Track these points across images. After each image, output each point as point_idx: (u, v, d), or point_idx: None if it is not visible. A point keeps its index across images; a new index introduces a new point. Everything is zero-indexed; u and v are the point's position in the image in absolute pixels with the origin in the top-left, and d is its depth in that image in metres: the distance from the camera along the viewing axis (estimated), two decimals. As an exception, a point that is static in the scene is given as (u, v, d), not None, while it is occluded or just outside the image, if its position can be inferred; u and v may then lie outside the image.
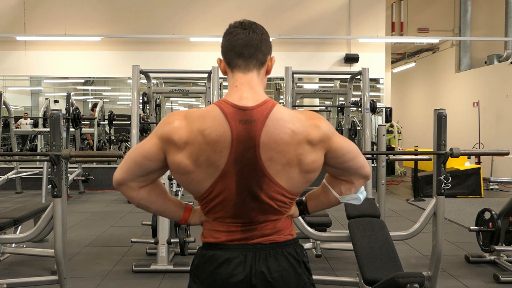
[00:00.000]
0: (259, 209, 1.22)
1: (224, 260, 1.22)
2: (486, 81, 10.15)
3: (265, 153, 1.17)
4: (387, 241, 2.84)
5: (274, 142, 1.16)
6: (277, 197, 1.22)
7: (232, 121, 1.15)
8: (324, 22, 8.98)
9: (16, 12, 8.64)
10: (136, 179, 1.24)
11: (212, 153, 1.16)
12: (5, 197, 7.48)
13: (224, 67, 1.29)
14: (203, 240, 1.30)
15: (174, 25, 8.77)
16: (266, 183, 1.19)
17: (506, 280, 3.52)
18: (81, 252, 4.32)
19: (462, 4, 10.83)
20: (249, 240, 1.24)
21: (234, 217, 1.23)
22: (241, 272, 1.21)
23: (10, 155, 7.29)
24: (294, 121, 1.18)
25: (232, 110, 1.17)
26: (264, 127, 1.16)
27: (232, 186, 1.19)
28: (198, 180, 1.19)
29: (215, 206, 1.23)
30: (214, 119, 1.16)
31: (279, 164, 1.18)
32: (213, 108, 1.18)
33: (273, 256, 1.23)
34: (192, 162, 1.17)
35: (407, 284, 1.86)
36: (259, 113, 1.17)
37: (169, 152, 1.19)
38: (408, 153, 6.53)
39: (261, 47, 1.25)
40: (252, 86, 1.23)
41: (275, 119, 1.17)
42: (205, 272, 1.24)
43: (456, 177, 7.30)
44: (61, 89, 9.91)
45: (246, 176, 1.18)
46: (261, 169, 1.18)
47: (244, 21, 1.27)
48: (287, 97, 6.86)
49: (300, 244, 1.31)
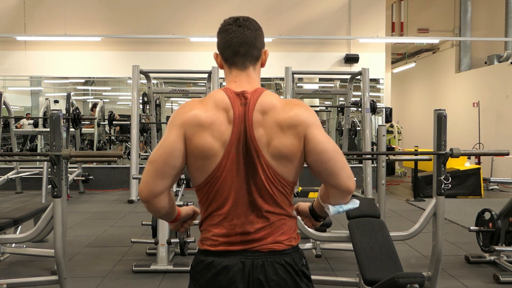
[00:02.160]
0: (258, 193, 1.25)
1: (223, 268, 1.23)
2: (486, 81, 10.15)
3: (256, 133, 1.24)
4: (387, 241, 2.84)
5: (259, 122, 1.24)
6: (271, 179, 1.25)
7: (234, 103, 1.25)
8: (324, 22, 8.98)
9: (16, 12, 8.64)
10: (162, 184, 1.25)
11: (222, 131, 1.23)
12: (5, 197, 7.48)
13: (221, 62, 1.36)
14: (201, 247, 1.30)
15: (174, 25, 8.77)
16: (260, 163, 1.24)
17: (506, 281, 3.52)
18: (81, 252, 4.32)
19: (462, 4, 10.83)
20: (248, 248, 1.25)
21: (233, 205, 1.25)
22: (240, 280, 1.22)
23: (10, 155, 7.30)
24: (275, 104, 1.26)
25: (233, 95, 1.27)
26: (255, 109, 1.24)
27: (233, 168, 1.24)
28: (210, 150, 1.24)
29: (216, 193, 1.25)
30: (222, 100, 1.25)
31: (266, 144, 1.24)
32: (220, 92, 1.27)
33: (271, 264, 1.23)
34: (215, 140, 1.23)
35: (407, 284, 1.86)
36: (252, 97, 1.26)
37: (194, 135, 1.23)
38: (408, 153, 6.53)
39: (255, 44, 1.32)
40: (249, 81, 1.31)
41: (261, 103, 1.25)
42: (204, 278, 1.25)
43: (456, 178, 7.30)
44: (61, 89, 9.91)
45: (244, 156, 1.24)
46: (255, 148, 1.23)
47: (238, 18, 1.32)
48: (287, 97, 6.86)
49: (301, 251, 1.31)
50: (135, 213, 6.20)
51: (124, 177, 8.15)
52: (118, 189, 8.27)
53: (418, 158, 6.21)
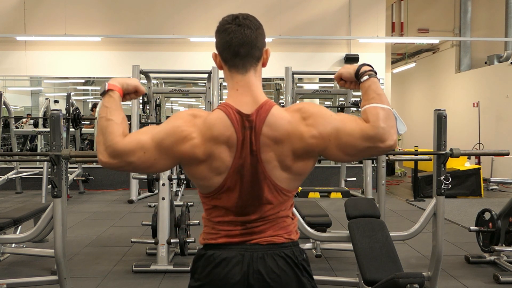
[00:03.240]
0: (261, 201, 1.24)
1: (222, 260, 1.23)
2: (486, 81, 10.14)
3: (264, 155, 1.20)
4: (387, 242, 2.85)
5: (270, 144, 1.20)
6: (277, 194, 1.24)
7: (237, 126, 1.20)
8: (324, 22, 8.98)
9: (16, 12, 8.64)
10: (135, 156, 1.21)
11: (224, 154, 1.20)
12: (5, 197, 7.47)
13: (220, 63, 1.29)
14: (202, 242, 1.30)
15: (174, 25, 8.77)
16: (267, 184, 1.22)
17: (506, 281, 3.51)
18: (81, 252, 4.32)
19: (462, 5, 10.83)
20: (248, 240, 1.24)
21: (236, 214, 1.25)
22: (238, 272, 1.21)
23: (10, 155, 7.30)
24: (286, 128, 1.20)
25: (237, 117, 1.20)
26: (262, 131, 1.20)
27: (236, 188, 1.22)
28: (208, 178, 1.22)
29: (219, 200, 1.25)
30: (223, 126, 1.19)
31: (276, 165, 1.21)
32: (220, 113, 1.21)
33: (271, 257, 1.23)
34: (212, 173, 1.21)
35: (407, 285, 1.86)
36: (258, 119, 1.20)
37: (190, 167, 1.23)
38: (408, 153, 6.53)
39: (256, 44, 1.25)
40: (251, 89, 1.25)
41: (269, 124, 1.20)
42: (203, 272, 1.25)
43: (456, 178, 7.30)
44: (61, 89, 9.92)
45: (249, 178, 1.22)
46: (261, 171, 1.21)
47: (238, 16, 1.26)
48: (287, 97, 6.87)
49: (301, 248, 1.31)
50: (135, 213, 6.21)
51: (124, 177, 8.14)
52: (118, 189, 8.27)
53: (418, 158, 6.21)
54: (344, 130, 1.20)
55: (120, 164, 1.21)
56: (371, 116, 1.20)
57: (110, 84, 1.29)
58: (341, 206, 3.78)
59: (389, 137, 1.19)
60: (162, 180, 3.92)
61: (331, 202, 7.00)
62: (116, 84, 1.29)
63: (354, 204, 3.32)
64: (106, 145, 1.20)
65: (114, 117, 1.23)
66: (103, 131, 1.21)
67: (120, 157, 1.20)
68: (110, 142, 1.20)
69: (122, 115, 1.26)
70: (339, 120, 1.22)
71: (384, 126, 1.18)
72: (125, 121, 1.27)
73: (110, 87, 1.28)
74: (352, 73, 1.32)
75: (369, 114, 1.21)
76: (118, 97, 1.28)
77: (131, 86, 1.33)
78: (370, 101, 1.24)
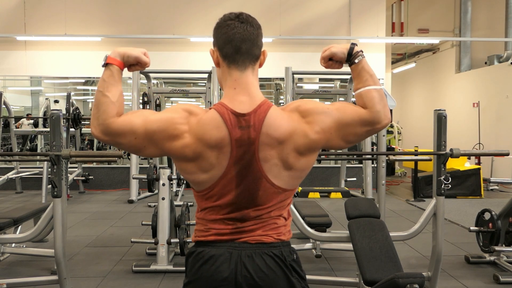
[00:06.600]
0: (257, 202, 1.24)
1: (210, 257, 1.23)
2: (486, 81, 10.15)
3: (262, 155, 1.21)
4: (387, 242, 2.85)
5: (271, 143, 1.20)
6: (274, 193, 1.24)
7: (231, 127, 1.19)
8: (324, 22, 8.98)
9: (16, 12, 8.64)
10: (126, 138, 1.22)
11: (215, 156, 1.21)
12: (5, 197, 7.48)
13: (218, 59, 1.27)
14: (193, 239, 1.31)
15: (174, 25, 8.78)
16: (263, 184, 1.23)
17: (506, 281, 3.52)
18: (81, 252, 4.32)
19: (462, 5, 10.83)
20: (237, 239, 1.25)
21: (228, 212, 1.25)
22: (226, 269, 1.21)
23: (10, 155, 7.29)
24: (286, 128, 1.21)
25: (231, 117, 1.20)
26: (261, 131, 1.20)
27: (232, 187, 1.23)
28: (196, 174, 1.23)
29: (212, 198, 1.25)
30: (217, 126, 1.20)
31: (275, 164, 1.22)
32: (214, 113, 1.21)
33: (259, 255, 1.23)
34: (203, 173, 1.22)
35: (407, 285, 1.86)
36: (256, 118, 1.20)
37: (180, 164, 1.24)
38: (408, 153, 6.54)
39: (257, 42, 1.26)
40: (249, 88, 1.25)
41: (269, 125, 1.20)
42: (193, 269, 1.26)
43: (456, 178, 7.30)
44: (61, 89, 9.92)
45: (245, 177, 1.22)
46: (258, 170, 1.22)
47: (240, 14, 1.26)
48: (287, 97, 6.86)
49: (291, 248, 1.29)
50: (135, 213, 6.21)
51: (124, 177, 8.15)
52: (118, 189, 8.27)
53: (418, 158, 6.21)
54: (344, 120, 1.25)
55: (111, 142, 1.24)
56: (367, 101, 1.27)
57: (110, 57, 1.26)
58: (341, 206, 3.78)
59: (385, 117, 1.27)
60: (162, 180, 3.92)
61: (331, 202, 7.00)
62: (115, 57, 1.26)
63: (354, 204, 3.32)
64: (99, 122, 1.22)
65: (111, 94, 1.23)
66: (99, 106, 1.22)
67: (112, 136, 1.22)
68: (103, 121, 1.21)
69: (120, 90, 1.25)
70: (337, 110, 1.25)
71: (380, 109, 1.26)
72: (122, 97, 1.25)
73: (110, 60, 1.26)
74: (346, 53, 1.33)
75: (365, 98, 1.27)
76: (117, 71, 1.26)
77: (132, 58, 1.28)
78: (364, 84, 1.29)
